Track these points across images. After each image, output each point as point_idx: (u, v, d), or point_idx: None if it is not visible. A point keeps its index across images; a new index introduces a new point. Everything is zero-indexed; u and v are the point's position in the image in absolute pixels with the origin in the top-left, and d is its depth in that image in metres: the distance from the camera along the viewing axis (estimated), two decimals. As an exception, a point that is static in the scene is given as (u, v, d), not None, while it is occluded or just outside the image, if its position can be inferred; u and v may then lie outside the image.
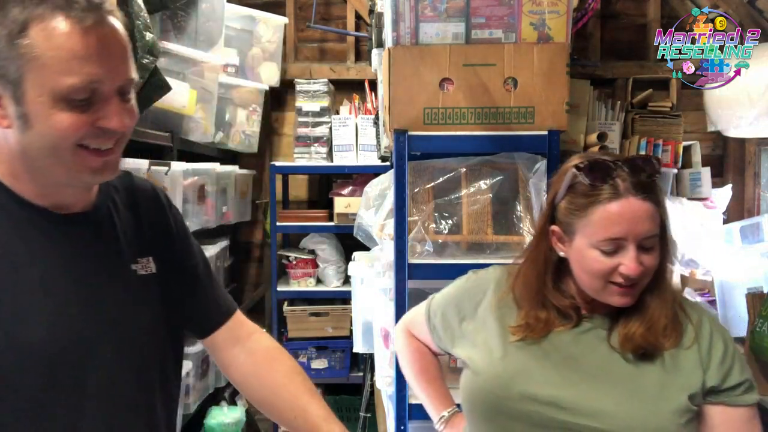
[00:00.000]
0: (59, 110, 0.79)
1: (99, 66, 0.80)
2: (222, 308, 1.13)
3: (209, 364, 2.60)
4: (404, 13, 1.69)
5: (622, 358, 1.06)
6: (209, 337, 1.12)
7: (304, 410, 1.04)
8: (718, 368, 1.04)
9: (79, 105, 0.80)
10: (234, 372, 1.12)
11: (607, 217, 1.01)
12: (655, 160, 1.05)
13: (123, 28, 0.85)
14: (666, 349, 1.05)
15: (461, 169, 1.77)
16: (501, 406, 1.08)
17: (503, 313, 1.16)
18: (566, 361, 1.08)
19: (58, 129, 0.80)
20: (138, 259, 0.98)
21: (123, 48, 0.84)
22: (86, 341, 0.88)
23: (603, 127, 2.56)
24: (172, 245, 1.06)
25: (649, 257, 1.03)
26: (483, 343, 1.15)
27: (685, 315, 1.10)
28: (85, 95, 0.80)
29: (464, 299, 1.23)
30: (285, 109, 3.31)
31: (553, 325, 1.10)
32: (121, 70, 0.83)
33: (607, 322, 1.10)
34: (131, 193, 1.02)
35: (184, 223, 1.12)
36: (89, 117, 0.81)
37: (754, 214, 2.88)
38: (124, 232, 0.97)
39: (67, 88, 0.78)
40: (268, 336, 1.17)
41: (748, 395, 1.05)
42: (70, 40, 0.78)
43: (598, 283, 1.04)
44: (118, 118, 0.83)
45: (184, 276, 1.08)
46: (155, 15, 2.22)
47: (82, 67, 0.79)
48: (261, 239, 3.37)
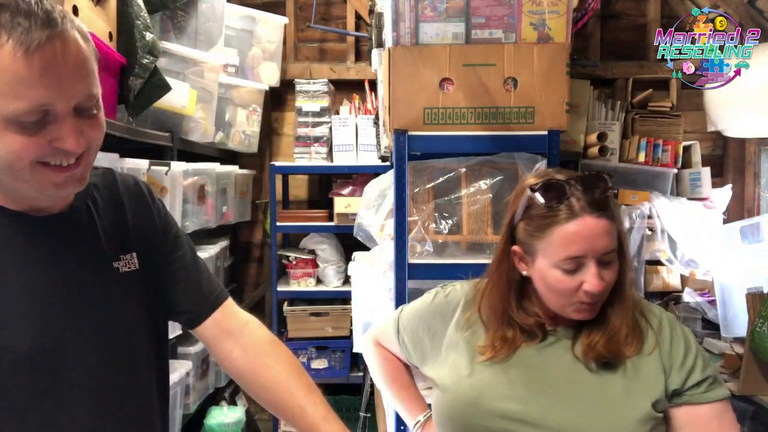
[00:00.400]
0: (10, 132, 0.77)
1: (47, 89, 0.76)
2: (210, 299, 1.10)
3: (209, 364, 2.60)
4: (404, 13, 1.69)
5: (586, 368, 1.07)
6: (198, 328, 1.10)
7: (303, 409, 1.02)
8: (679, 370, 1.05)
9: (30, 126, 0.77)
10: (229, 366, 1.11)
11: (565, 237, 1.03)
12: (607, 176, 1.07)
13: (82, 41, 0.81)
14: (628, 357, 1.06)
15: (461, 169, 1.78)
16: (469, 424, 1.09)
17: (472, 332, 1.17)
18: (532, 374, 1.09)
19: (11, 151, 0.78)
20: (121, 256, 0.98)
21: (78, 65, 0.79)
22: (69, 343, 0.88)
23: (603, 127, 2.56)
24: (156, 239, 1.05)
25: (609, 272, 1.05)
26: (452, 362, 1.16)
27: (646, 321, 1.11)
28: (36, 117, 0.77)
29: (434, 317, 1.24)
30: (285, 109, 3.31)
31: (519, 343, 1.11)
32: (77, 89, 0.79)
33: (570, 333, 1.11)
34: (114, 189, 1.01)
35: (169, 216, 1.11)
36: (43, 137, 0.78)
37: (754, 214, 2.87)
38: (105, 230, 0.97)
39: (13, 112, 0.75)
40: (261, 326, 1.14)
41: (712, 392, 1.05)
42: (14, 64, 0.74)
43: (564, 300, 1.06)
44: (73, 139, 0.80)
45: (170, 268, 1.07)
46: (155, 15, 2.22)
47: (28, 91, 0.75)
48: (261, 239, 3.37)
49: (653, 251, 2.54)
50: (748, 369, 1.96)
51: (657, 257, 2.54)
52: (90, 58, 0.82)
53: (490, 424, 1.06)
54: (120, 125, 1.81)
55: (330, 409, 1.03)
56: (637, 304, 1.13)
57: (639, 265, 2.52)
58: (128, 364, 0.97)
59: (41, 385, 0.85)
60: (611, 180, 1.07)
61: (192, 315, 1.10)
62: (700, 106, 2.80)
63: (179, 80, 2.28)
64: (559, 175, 1.08)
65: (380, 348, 1.37)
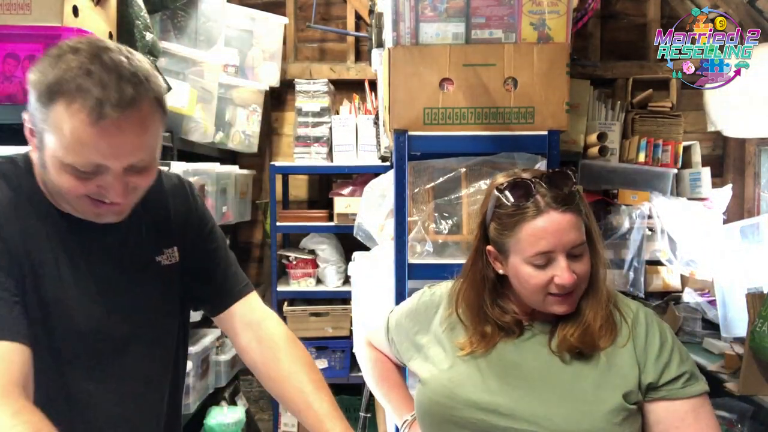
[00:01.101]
0: (65, 172, 0.87)
1: (104, 154, 0.85)
2: (234, 290, 1.17)
3: (209, 364, 2.61)
4: (404, 13, 1.69)
5: (561, 361, 1.09)
6: (221, 316, 1.18)
7: (309, 404, 1.06)
8: (654, 364, 1.06)
9: (82, 175, 0.87)
10: (246, 358, 1.17)
11: (533, 233, 1.06)
12: (570, 171, 1.10)
13: (157, 106, 0.89)
14: (602, 348, 1.08)
15: (461, 169, 1.78)
16: (447, 415, 1.12)
17: (452, 328, 1.20)
18: (508, 368, 1.11)
19: (63, 186, 0.89)
20: (164, 250, 1.08)
21: (141, 136, 0.88)
22: (115, 334, 1.01)
23: (603, 127, 2.56)
24: (194, 232, 1.14)
25: (580, 265, 1.07)
26: (433, 357, 1.19)
27: (621, 314, 1.13)
28: (89, 170, 0.87)
29: (419, 314, 1.27)
30: (285, 109, 3.31)
31: (497, 339, 1.14)
32: (133, 155, 0.88)
33: (547, 328, 1.14)
34: (159, 188, 1.09)
35: (206, 210, 1.20)
36: (93, 183, 0.89)
37: (754, 214, 2.87)
38: (150, 227, 1.07)
39: (71, 163, 0.86)
40: (280, 322, 1.19)
41: (690, 387, 1.06)
42: (81, 130, 0.83)
43: (538, 296, 1.09)
44: (117, 193, 0.89)
45: (204, 260, 1.16)
46: (155, 15, 2.22)
47: (87, 152, 0.85)
48: (261, 239, 3.37)
49: (653, 251, 2.54)
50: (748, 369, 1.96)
51: (657, 257, 2.54)
52: (157, 125, 0.91)
53: (465, 414, 1.09)
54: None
55: (336, 406, 1.08)
56: (612, 298, 1.15)
57: (639, 265, 2.52)
58: (156, 350, 1.09)
59: (91, 365, 0.98)
60: (575, 176, 1.10)
61: (215, 304, 1.18)
62: (700, 106, 2.80)
63: (179, 80, 2.28)
64: (526, 174, 1.11)
65: (372, 349, 1.41)
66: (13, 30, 1.53)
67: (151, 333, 1.07)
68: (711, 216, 2.62)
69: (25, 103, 0.91)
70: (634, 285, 2.51)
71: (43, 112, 0.85)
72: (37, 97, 0.86)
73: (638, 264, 2.51)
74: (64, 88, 0.83)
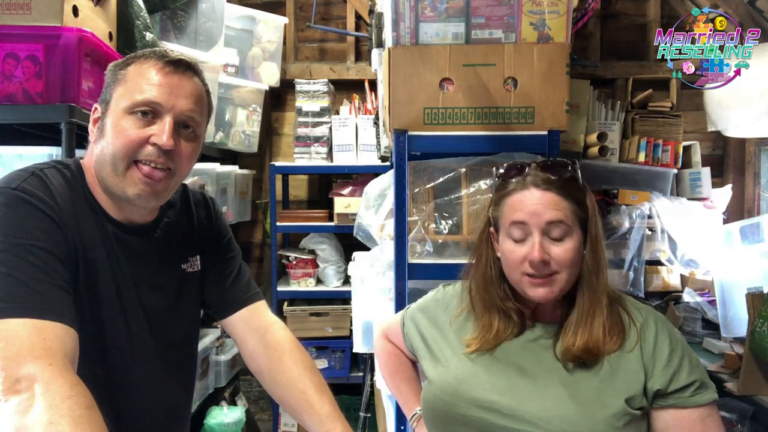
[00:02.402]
0: (127, 115, 1.01)
1: (161, 93, 1.02)
2: (245, 296, 1.26)
3: (209, 364, 2.61)
4: (404, 13, 1.69)
5: (564, 367, 1.09)
6: (227, 322, 1.25)
7: (311, 406, 1.10)
8: (663, 371, 1.05)
9: (141, 117, 1.01)
10: (251, 362, 1.23)
11: (512, 204, 1.11)
12: (570, 162, 1.13)
13: (204, 88, 1.09)
14: (607, 353, 1.08)
15: (461, 169, 1.78)
16: (450, 412, 1.13)
17: (461, 326, 1.22)
18: (512, 369, 1.12)
19: (122, 132, 1.01)
20: (189, 258, 1.19)
21: (192, 92, 1.05)
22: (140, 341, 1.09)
23: (603, 127, 2.56)
24: (213, 242, 1.26)
25: (558, 248, 1.08)
26: (442, 355, 1.21)
27: (630, 318, 1.12)
28: (146, 108, 1.01)
29: (432, 312, 1.30)
30: (285, 109, 3.31)
31: (503, 335, 1.15)
32: (182, 103, 1.03)
33: (552, 331, 1.14)
34: (186, 203, 1.23)
35: (226, 225, 1.32)
36: (147, 132, 1.01)
37: (754, 214, 2.88)
38: (177, 238, 1.18)
39: (133, 101, 1.01)
40: (284, 328, 1.25)
41: (699, 396, 1.05)
42: (149, 72, 1.03)
43: (515, 274, 1.11)
44: (166, 136, 1.01)
45: (220, 269, 1.26)
46: (155, 15, 2.22)
47: (149, 90, 1.02)
48: (261, 239, 3.37)
49: (653, 251, 2.54)
50: (748, 369, 1.96)
51: (657, 257, 2.54)
52: (203, 98, 1.09)
53: (468, 412, 1.10)
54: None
55: (337, 408, 1.11)
56: (620, 299, 1.15)
57: (639, 265, 2.52)
58: (183, 348, 1.20)
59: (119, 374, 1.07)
60: (572, 167, 1.12)
61: (221, 306, 1.26)
62: (700, 106, 2.80)
63: (179, 80, 2.27)
64: (527, 161, 1.16)
65: (387, 342, 1.43)
66: (13, 30, 1.53)
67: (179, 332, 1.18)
68: (711, 216, 2.62)
69: (25, 103, 0.94)
70: (634, 285, 2.51)
71: (114, 76, 1.04)
72: (112, 71, 1.05)
73: (638, 264, 2.51)
74: (139, 54, 1.05)
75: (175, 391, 1.19)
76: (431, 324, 1.28)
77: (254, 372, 1.23)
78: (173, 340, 1.16)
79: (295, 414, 1.14)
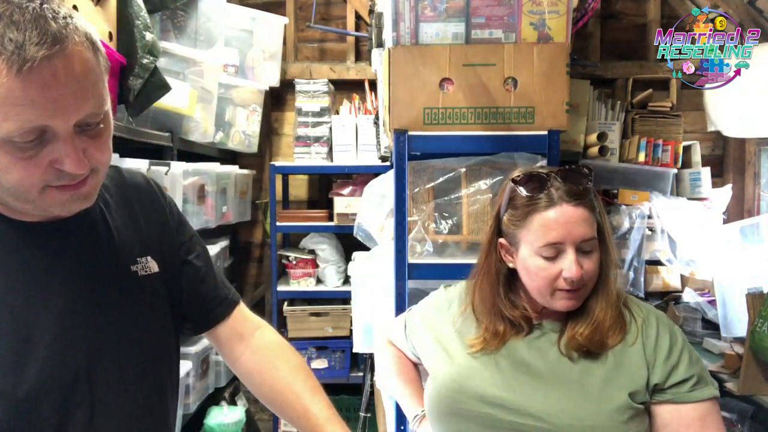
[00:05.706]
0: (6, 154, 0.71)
1: (42, 110, 0.69)
2: (223, 302, 1.10)
3: (209, 364, 2.60)
4: (404, 13, 1.69)
5: (570, 360, 1.09)
6: (210, 331, 1.10)
7: (307, 410, 1.03)
8: (663, 365, 1.06)
9: (26, 147, 0.71)
10: (239, 369, 1.12)
11: (545, 223, 1.07)
12: (587, 169, 1.11)
13: (90, 51, 0.74)
14: (610, 347, 1.08)
15: (461, 169, 1.78)
16: (454, 408, 1.13)
17: (464, 326, 1.22)
18: (517, 365, 1.12)
19: (13, 179, 0.73)
20: (137, 259, 0.94)
21: (82, 81, 0.72)
22: (93, 353, 0.85)
23: (603, 127, 2.56)
24: (171, 239, 1.02)
25: (589, 261, 1.08)
26: (445, 353, 1.20)
27: (631, 314, 1.13)
28: (30, 137, 0.71)
29: (434, 312, 1.30)
30: (285, 109, 3.31)
31: (508, 336, 1.15)
32: (78, 107, 0.72)
33: (557, 326, 1.14)
34: (124, 189, 0.97)
35: (180, 214, 1.08)
36: (43, 159, 0.73)
37: (754, 214, 2.87)
38: (119, 233, 0.92)
39: (7, 133, 0.70)
40: (273, 331, 1.16)
41: (698, 391, 1.05)
42: (4, 87, 0.67)
43: (545, 290, 1.09)
44: (73, 161, 0.73)
45: (185, 269, 1.04)
46: (155, 15, 2.22)
47: (20, 111, 0.68)
48: (261, 239, 3.37)
49: (653, 251, 2.54)
50: (748, 369, 1.96)
51: (657, 257, 2.54)
52: (97, 70, 0.75)
53: (472, 408, 1.10)
54: (120, 125, 1.81)
55: (334, 411, 1.04)
56: (622, 297, 1.15)
57: (639, 265, 2.52)
58: (154, 373, 0.95)
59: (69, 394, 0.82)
60: (591, 174, 1.11)
61: (204, 319, 1.09)
62: (700, 106, 2.80)
63: (179, 80, 2.28)
64: (542, 169, 1.13)
65: (390, 345, 1.44)
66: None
67: (146, 354, 0.93)
68: (711, 216, 2.61)
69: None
70: (634, 285, 2.51)
71: None
72: None
73: (638, 264, 2.51)
74: None
75: None
76: (434, 324, 1.28)
77: (242, 377, 1.13)
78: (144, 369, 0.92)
79: (290, 419, 1.06)
